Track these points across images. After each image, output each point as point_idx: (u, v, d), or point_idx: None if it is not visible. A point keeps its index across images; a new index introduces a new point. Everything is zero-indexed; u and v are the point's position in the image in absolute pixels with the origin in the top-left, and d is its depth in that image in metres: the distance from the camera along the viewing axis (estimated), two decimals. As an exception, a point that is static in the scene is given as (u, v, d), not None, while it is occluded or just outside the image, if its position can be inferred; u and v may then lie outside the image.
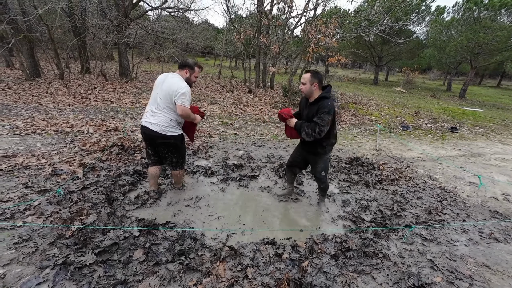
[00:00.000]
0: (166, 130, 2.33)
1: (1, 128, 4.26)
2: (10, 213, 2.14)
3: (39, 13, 6.97)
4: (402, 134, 6.42)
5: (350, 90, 13.15)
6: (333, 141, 2.40)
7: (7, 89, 7.18)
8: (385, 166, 4.02)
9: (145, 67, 15.87)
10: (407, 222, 2.55)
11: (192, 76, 2.44)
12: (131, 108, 6.61)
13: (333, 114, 2.21)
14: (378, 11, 9.54)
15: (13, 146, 3.59)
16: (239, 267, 1.81)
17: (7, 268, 1.64)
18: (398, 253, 2.10)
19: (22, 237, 1.89)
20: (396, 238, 2.30)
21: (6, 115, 5.05)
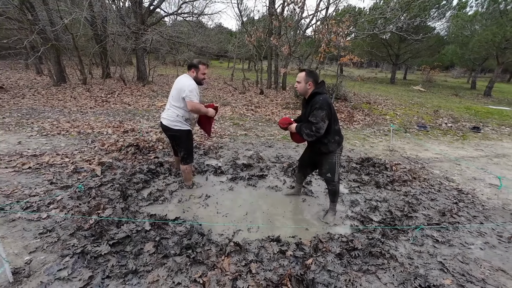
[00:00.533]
0: (172, 124, 2.59)
1: (31, 130, 4.63)
2: (36, 206, 2.35)
3: (65, 23, 7.49)
4: (418, 134, 6.18)
5: (365, 89, 12.82)
6: (337, 138, 2.28)
7: (37, 94, 7.77)
8: (398, 166, 3.91)
9: (161, 71, 16.45)
10: (418, 223, 2.48)
11: (199, 73, 2.58)
12: (147, 110, 6.91)
13: (328, 109, 2.12)
14: (394, 8, 9.25)
15: (40, 146, 3.90)
16: (243, 262, 1.86)
17: (33, 255, 1.80)
18: (406, 254, 2.05)
19: (47, 228, 2.07)
20: (405, 239, 2.24)
21: (35, 117, 5.48)
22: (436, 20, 17.00)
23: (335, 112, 2.25)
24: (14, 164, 3.18)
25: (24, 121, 5.14)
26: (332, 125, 2.22)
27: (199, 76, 2.59)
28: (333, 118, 2.21)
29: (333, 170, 2.38)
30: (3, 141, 4.03)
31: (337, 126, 2.29)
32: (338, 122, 2.32)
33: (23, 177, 2.91)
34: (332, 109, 2.19)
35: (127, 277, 1.67)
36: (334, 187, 2.46)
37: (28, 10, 7.79)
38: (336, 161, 2.36)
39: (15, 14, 8.05)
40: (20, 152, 3.60)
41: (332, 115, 2.18)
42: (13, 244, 1.88)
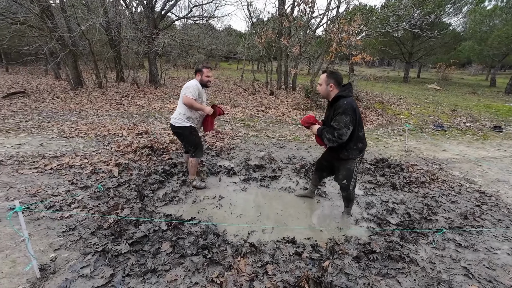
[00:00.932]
0: (175, 122, 2.77)
1: (51, 132, 4.83)
2: (59, 205, 2.44)
3: (82, 29, 7.79)
4: (435, 134, 5.98)
5: (377, 89, 12.55)
6: (359, 145, 2.13)
7: (56, 98, 8.11)
8: (415, 167, 3.79)
9: (172, 73, 16.77)
10: (439, 226, 2.39)
11: (203, 76, 2.74)
12: (160, 112, 7.05)
13: (353, 114, 1.99)
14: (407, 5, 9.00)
15: (60, 148, 4.06)
16: (259, 263, 1.86)
17: (57, 252, 1.87)
18: (427, 258, 1.98)
19: (69, 226, 2.14)
20: (425, 242, 2.17)
21: (55, 121, 5.71)
22: (452, 16, 16.43)
23: (360, 117, 2.11)
24: (37, 165, 3.32)
25: (45, 124, 5.37)
26: (356, 131, 2.07)
27: (204, 78, 2.75)
28: (358, 124, 2.06)
29: (349, 177, 2.26)
30: (27, 143, 4.22)
31: (361, 132, 2.14)
32: (363, 127, 2.17)
33: (45, 178, 3.04)
34: (357, 114, 2.05)
35: (146, 275, 1.71)
36: (349, 194, 2.37)
37: (48, 18, 8.16)
38: (354, 168, 2.23)
39: (36, 22, 8.45)
40: (42, 153, 3.76)
41: (356, 121, 2.04)
42: (39, 242, 1.96)
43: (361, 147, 2.16)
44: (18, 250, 1.87)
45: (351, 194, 2.37)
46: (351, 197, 2.39)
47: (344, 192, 2.39)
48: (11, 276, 1.65)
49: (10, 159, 3.49)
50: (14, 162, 3.41)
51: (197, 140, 2.87)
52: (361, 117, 2.13)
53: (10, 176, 3.03)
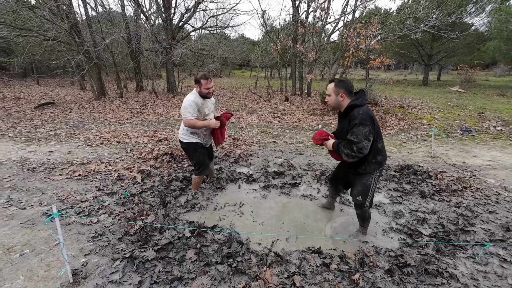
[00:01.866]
0: (181, 137, 2.70)
1: (78, 140, 5.08)
2: (88, 211, 2.53)
3: (106, 43, 8.25)
4: (463, 139, 5.65)
5: (395, 93, 12.16)
6: (378, 158, 1.93)
7: (81, 108, 8.57)
8: (444, 174, 3.58)
9: (188, 82, 17.26)
10: (478, 238, 2.21)
11: (202, 88, 2.51)
12: (178, 120, 7.23)
13: (371, 124, 1.80)
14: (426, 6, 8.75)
15: (87, 155, 4.25)
16: (285, 274, 1.80)
17: (88, 257, 1.92)
18: (469, 274, 1.83)
19: (98, 232, 2.20)
20: (464, 256, 2.01)
21: (81, 129, 6.02)
22: (474, 15, 15.72)
23: (378, 127, 1.90)
24: (67, 172, 3.49)
25: (72, 132, 5.67)
26: (374, 143, 1.88)
27: (203, 90, 2.52)
28: (376, 134, 1.87)
29: (365, 193, 2.04)
30: (56, 150, 4.46)
31: (380, 144, 1.92)
32: (381, 138, 1.95)
33: (74, 184, 3.17)
34: (376, 123, 1.86)
35: (173, 283, 1.70)
36: (364, 213, 2.13)
37: (76, 34, 8.74)
38: (372, 183, 2.01)
39: (65, 37, 9.07)
40: (71, 160, 3.95)
41: (375, 131, 1.85)
42: (70, 247, 2.03)
43: (380, 160, 1.95)
44: (52, 254, 1.94)
45: (366, 212, 2.12)
46: (366, 215, 2.15)
47: (358, 209, 2.14)
48: (46, 280, 1.71)
49: (42, 166, 3.69)
50: (46, 169, 3.60)
51: (201, 158, 2.71)
52: (379, 127, 1.92)
53: (42, 182, 3.19)
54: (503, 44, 14.78)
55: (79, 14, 12.25)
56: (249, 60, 20.71)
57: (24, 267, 1.82)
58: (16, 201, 2.73)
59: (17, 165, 3.73)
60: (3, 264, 1.85)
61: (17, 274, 1.76)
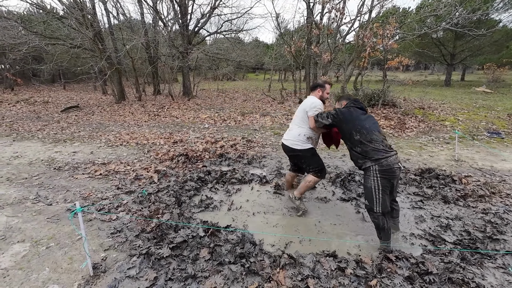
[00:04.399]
0: (294, 144, 2.57)
1: (100, 142, 5.34)
2: (107, 208, 2.64)
3: (127, 49, 8.64)
4: (490, 142, 5.30)
5: (415, 94, 11.68)
6: (358, 149, 2.06)
7: (103, 111, 9.01)
8: (469, 179, 3.37)
9: (203, 85, 17.64)
10: (509, 248, 2.05)
11: (324, 93, 2.59)
12: (193, 122, 7.40)
13: (337, 113, 2.22)
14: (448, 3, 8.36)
15: (107, 156, 4.45)
16: (299, 277, 1.77)
17: (107, 252, 2.00)
18: (498, 285, 1.70)
19: (116, 228, 2.29)
20: (493, 266, 1.87)
21: (102, 131, 6.32)
22: (502, 11, 14.79)
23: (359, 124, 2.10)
24: (89, 171, 3.67)
25: (94, 134, 5.96)
26: (352, 134, 2.12)
27: (324, 95, 2.59)
28: (353, 128, 2.12)
29: (370, 197, 2.00)
30: (80, 151, 4.71)
31: (357, 137, 2.06)
32: (363, 134, 2.04)
33: (95, 182, 3.33)
34: (347, 116, 2.18)
35: (187, 281, 1.73)
36: (376, 219, 2.02)
37: (99, 41, 9.24)
38: (373, 186, 1.97)
39: (89, 45, 9.62)
40: (93, 160, 4.15)
41: (342, 121, 2.20)
42: (91, 242, 2.12)
43: (360, 151, 2.06)
44: (74, 248, 2.04)
45: (379, 219, 2.00)
46: (380, 223, 2.00)
47: (370, 216, 2.09)
48: (69, 272, 1.80)
49: (67, 165, 3.91)
50: (70, 168, 3.81)
51: (320, 160, 2.60)
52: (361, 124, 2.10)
53: (67, 181, 3.38)
54: (536, 41, 13.76)
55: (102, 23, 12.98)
56: (263, 63, 20.82)
57: (50, 259, 1.93)
58: (43, 197, 2.90)
59: (45, 164, 3.98)
60: (31, 256, 1.97)
61: (43, 265, 1.87)
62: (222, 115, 8.19)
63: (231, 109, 9.19)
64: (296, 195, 2.65)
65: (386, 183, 1.98)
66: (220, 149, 4.72)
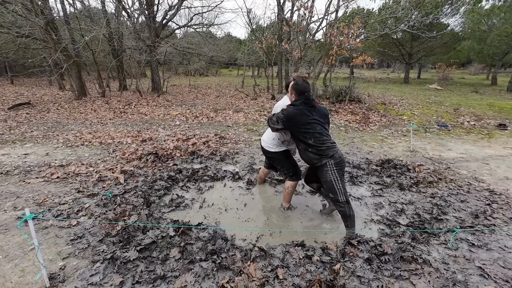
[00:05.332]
0: (268, 146, 2.58)
1: (57, 142, 4.87)
2: (66, 213, 2.44)
3: (86, 40, 7.94)
4: (439, 133, 5.94)
5: (378, 90, 12.56)
6: (310, 150, 2.12)
7: (60, 108, 8.21)
8: (421, 167, 3.76)
9: (174, 81, 16.95)
10: (450, 226, 2.35)
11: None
12: (163, 119, 7.10)
13: (285, 119, 2.11)
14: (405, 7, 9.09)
15: (66, 157, 4.09)
16: (269, 268, 1.83)
17: (66, 260, 1.86)
18: (440, 259, 1.94)
19: (77, 234, 2.14)
20: (437, 243, 2.13)
21: (60, 130, 5.77)
22: (450, 16, 16.50)
23: (303, 127, 2.11)
24: (44, 174, 3.34)
25: (50, 134, 5.42)
26: (302, 139, 2.15)
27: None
28: (298, 133, 2.15)
29: (332, 189, 2.13)
30: (33, 153, 4.26)
31: (311, 141, 2.10)
32: (314, 136, 2.10)
33: (52, 186, 3.05)
34: (293, 121, 2.12)
35: (156, 282, 1.69)
36: (342, 207, 2.13)
37: (52, 31, 8.33)
38: (332, 179, 2.11)
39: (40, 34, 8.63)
40: (48, 163, 3.79)
41: (290, 127, 2.17)
42: (47, 250, 1.96)
43: (315, 152, 2.12)
44: (27, 260, 1.87)
45: (345, 207, 2.12)
46: (347, 211, 2.13)
47: (336, 206, 2.21)
48: (21, 286, 1.64)
49: (16, 169, 3.52)
50: (21, 172, 3.43)
51: (293, 162, 2.61)
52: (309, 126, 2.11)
53: (17, 186, 3.05)
54: (476, 44, 15.65)
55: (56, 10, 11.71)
56: (235, 59, 20.62)
57: (-3, 273, 1.74)
58: (-13, 206, 2.59)
59: (-11, 169, 3.53)
60: (-26, 272, 1.75)
61: (-11, 281, 1.68)
62: (194, 111, 7.98)
63: (204, 106, 9.00)
64: (285, 205, 2.69)
65: (341, 173, 2.15)
66: (192, 146, 4.62)
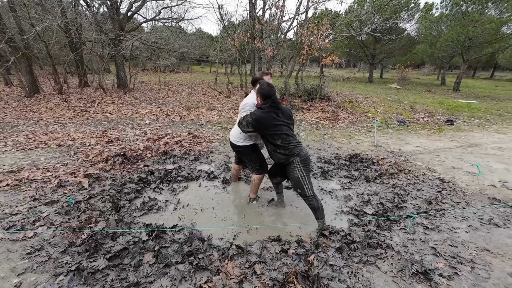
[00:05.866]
0: (235, 140, 2.63)
1: (5, 145, 4.32)
2: (20, 225, 2.19)
3: (37, 30, 7.10)
4: (399, 129, 6.51)
5: (345, 89, 13.30)
6: (280, 151, 2.24)
7: (7, 107, 7.26)
8: (384, 161, 4.09)
9: (142, 77, 16.01)
10: (409, 213, 2.61)
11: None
12: (131, 118, 6.69)
13: (257, 126, 2.23)
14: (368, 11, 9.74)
15: (17, 161, 3.65)
16: (247, 264, 1.86)
17: (22, 277, 1.68)
18: (401, 243, 2.15)
19: (34, 247, 1.94)
20: (398, 228, 2.35)
21: (8, 132, 5.12)
22: (406, 21, 18.06)
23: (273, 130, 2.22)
24: (-10, 182, 2.95)
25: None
26: (271, 140, 2.27)
27: None
28: (269, 135, 2.26)
29: (299, 185, 2.24)
30: (-26, 158, 3.72)
31: (279, 141, 2.23)
32: (281, 138, 2.24)
33: (1, 196, 2.71)
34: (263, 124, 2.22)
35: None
36: (311, 201, 2.25)
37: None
38: (299, 175, 2.22)
39: (-22, 22, 7.51)
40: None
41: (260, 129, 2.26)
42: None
43: (284, 152, 2.24)
44: (-28, 280, 1.64)
45: (313, 201, 2.24)
46: (315, 204, 2.24)
47: (305, 201, 2.30)
48: (-34, 310, 1.45)
49: (-46, 178, 3.05)
50: (-40, 181, 2.98)
51: (260, 156, 2.69)
52: (277, 128, 2.23)
53: (-45, 197, 2.65)
54: (428, 48, 17.36)
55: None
56: (208, 56, 20.15)
57: None
58: None
59: None
60: None
61: None
62: (165, 110, 7.66)
63: (175, 103, 8.68)
64: (251, 196, 2.83)
65: (307, 169, 2.27)
66: (163, 146, 4.43)
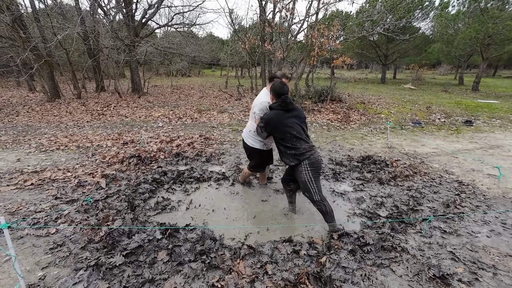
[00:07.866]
0: (245, 138, 2.77)
1: (29, 147, 4.58)
2: (44, 221, 2.32)
3: (58, 39, 7.50)
4: (414, 130, 6.32)
5: (357, 90, 13.08)
6: (291, 152, 2.21)
7: (31, 111, 7.69)
8: (398, 162, 3.99)
9: (155, 81, 16.49)
10: (425, 216, 2.53)
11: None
12: (145, 121, 6.90)
13: (269, 129, 2.26)
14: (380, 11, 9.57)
15: (40, 162, 3.86)
16: (258, 264, 1.87)
17: (46, 270, 1.78)
18: (416, 246, 2.09)
19: (57, 243, 2.04)
20: (414, 232, 2.28)
21: (32, 134, 5.42)
22: (421, 20, 17.57)
23: (283, 130, 2.21)
24: (16, 182, 3.13)
25: (21, 138, 5.08)
26: (281, 142, 2.27)
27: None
28: (281, 138, 2.26)
29: (307, 189, 2.21)
30: (2, 159, 3.97)
31: (288, 144, 2.21)
32: (291, 140, 2.21)
33: (26, 194, 2.87)
34: (273, 126, 2.25)
35: (144, 286, 1.66)
36: (319, 206, 2.22)
37: (20, 28, 7.79)
38: (306, 179, 2.18)
39: (6, 32, 8.03)
40: (20, 169, 3.55)
41: (273, 131, 2.28)
42: (25, 261, 1.85)
43: (294, 154, 2.21)
44: (2, 272, 1.75)
45: (321, 205, 2.21)
46: (323, 209, 2.21)
47: (314, 205, 2.29)
48: (-4, 300, 1.55)
49: (-16, 177, 3.26)
50: (-11, 180, 3.19)
51: (261, 160, 2.83)
52: (286, 130, 2.21)
53: (-15, 195, 2.83)
54: (445, 47, 16.78)
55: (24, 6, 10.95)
56: (218, 59, 20.47)
57: (-33, 289, 1.62)
58: (-48, 218, 2.38)
59: (-48, 178, 3.25)
60: None
61: (-42, 297, 1.56)
62: (177, 112, 7.84)
63: (187, 106, 8.86)
64: (240, 180, 3.22)
65: (316, 174, 2.22)
66: (176, 148, 4.54)
